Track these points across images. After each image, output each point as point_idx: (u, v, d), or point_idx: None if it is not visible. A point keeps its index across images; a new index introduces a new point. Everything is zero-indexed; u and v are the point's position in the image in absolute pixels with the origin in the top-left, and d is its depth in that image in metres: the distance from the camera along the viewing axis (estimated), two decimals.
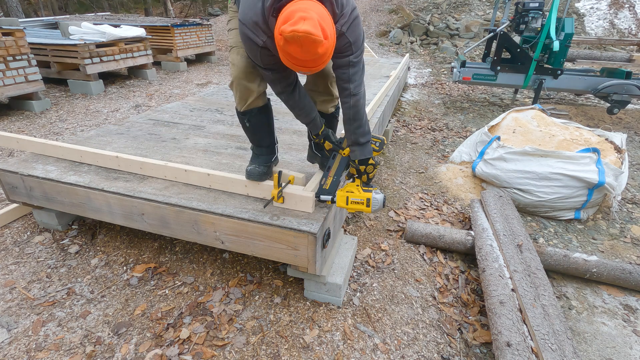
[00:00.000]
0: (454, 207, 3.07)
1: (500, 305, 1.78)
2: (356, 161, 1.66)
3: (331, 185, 1.73)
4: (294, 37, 1.11)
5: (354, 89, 1.51)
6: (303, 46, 1.14)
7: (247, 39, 1.40)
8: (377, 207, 1.66)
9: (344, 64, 1.46)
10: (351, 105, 1.53)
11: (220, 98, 4.00)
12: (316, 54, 1.17)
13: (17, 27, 4.48)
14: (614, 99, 4.97)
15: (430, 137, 4.65)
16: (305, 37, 1.10)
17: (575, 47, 9.55)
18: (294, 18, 1.13)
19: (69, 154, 2.27)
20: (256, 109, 1.72)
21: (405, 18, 11.60)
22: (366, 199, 1.64)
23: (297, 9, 1.16)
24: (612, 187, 2.74)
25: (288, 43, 1.15)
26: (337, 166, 1.77)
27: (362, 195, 1.65)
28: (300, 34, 1.10)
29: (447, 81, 7.72)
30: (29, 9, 17.86)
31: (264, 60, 1.45)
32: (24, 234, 2.41)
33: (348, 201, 1.67)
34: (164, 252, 2.30)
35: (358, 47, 1.45)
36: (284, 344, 1.75)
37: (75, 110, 4.98)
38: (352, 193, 1.67)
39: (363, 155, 1.64)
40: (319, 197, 1.74)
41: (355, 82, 1.50)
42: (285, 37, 1.13)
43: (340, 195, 1.68)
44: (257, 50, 1.41)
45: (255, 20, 1.35)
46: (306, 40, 1.12)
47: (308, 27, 1.10)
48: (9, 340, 1.71)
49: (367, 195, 1.65)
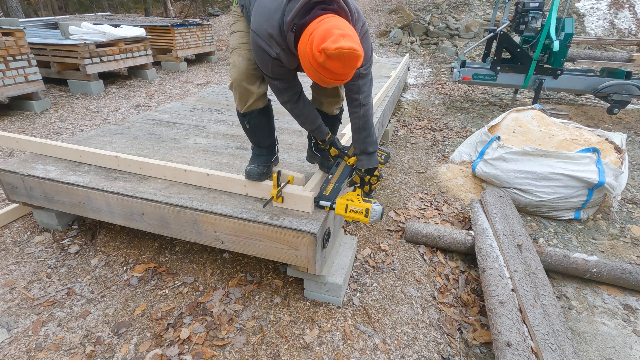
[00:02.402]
0: (454, 207, 3.07)
1: (500, 305, 1.78)
2: (362, 170, 1.68)
3: (332, 191, 1.73)
4: (339, 54, 1.13)
5: (363, 100, 1.56)
6: (346, 62, 1.16)
7: (260, 49, 1.41)
8: (375, 219, 1.65)
9: (354, 76, 1.49)
10: (361, 115, 1.58)
11: (220, 98, 4.00)
12: (355, 67, 1.20)
13: (17, 27, 4.48)
14: (614, 99, 4.97)
15: (430, 137, 4.65)
16: (350, 53, 1.13)
17: (575, 47, 9.55)
18: (333, 35, 1.14)
19: (69, 154, 2.27)
20: (256, 110, 1.73)
21: (405, 18, 11.60)
22: (365, 209, 1.63)
23: (332, 26, 1.17)
24: (612, 187, 2.74)
25: (330, 60, 1.15)
26: (340, 174, 1.77)
27: (361, 205, 1.64)
28: (346, 50, 1.12)
29: (447, 81, 7.72)
30: (29, 9, 17.86)
31: (274, 70, 1.48)
32: (24, 234, 2.41)
33: (347, 209, 1.66)
34: (164, 252, 2.30)
35: (367, 59, 1.49)
36: (284, 344, 1.75)
37: (75, 110, 4.98)
38: (351, 202, 1.66)
39: (370, 164, 1.67)
40: (318, 203, 1.74)
41: (364, 92, 1.55)
42: (329, 54, 1.13)
43: (340, 202, 1.68)
44: (268, 61, 1.43)
45: (270, 32, 1.35)
46: (350, 56, 1.14)
47: (351, 44, 1.12)
48: (9, 340, 1.71)
49: (366, 205, 1.64)
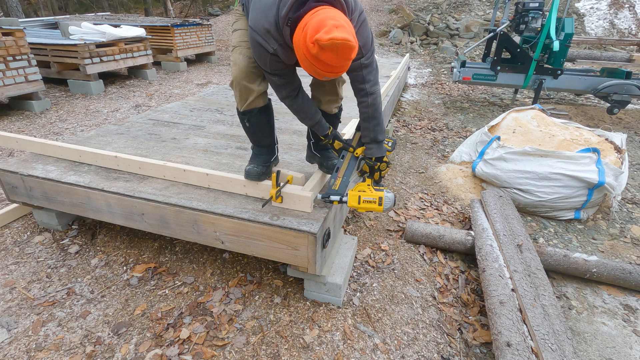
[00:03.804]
0: (454, 207, 3.07)
1: (500, 305, 1.78)
2: (373, 158, 1.68)
3: (341, 185, 1.72)
4: (331, 45, 1.12)
5: (370, 88, 1.56)
6: (339, 53, 1.15)
7: (258, 45, 1.41)
8: (389, 206, 1.66)
9: (357, 67, 1.49)
10: (369, 103, 1.58)
11: (220, 98, 4.00)
12: (349, 59, 1.20)
13: (17, 27, 4.48)
14: (614, 99, 4.97)
15: (430, 137, 4.65)
16: (343, 44, 1.12)
17: (575, 47, 9.55)
18: (326, 26, 1.13)
19: (69, 154, 2.27)
20: (256, 109, 1.73)
21: (405, 18, 11.60)
22: (378, 198, 1.64)
23: (326, 17, 1.16)
24: (612, 187, 2.74)
25: (323, 51, 1.15)
26: (347, 166, 1.77)
27: (374, 194, 1.65)
28: (339, 41, 1.11)
29: (447, 81, 7.72)
30: (29, 9, 17.87)
31: (272, 66, 1.47)
32: (24, 234, 2.41)
33: (360, 200, 1.66)
34: (164, 252, 2.30)
35: (368, 49, 1.48)
36: (284, 344, 1.75)
37: (75, 110, 4.98)
38: (364, 192, 1.66)
39: (380, 153, 1.68)
40: (328, 197, 1.72)
41: (370, 81, 1.55)
42: (322, 45, 1.13)
43: (352, 195, 1.67)
44: (266, 57, 1.43)
45: (267, 28, 1.36)
46: (343, 47, 1.13)
47: (344, 35, 1.12)
48: (9, 340, 1.71)
49: (379, 194, 1.65)
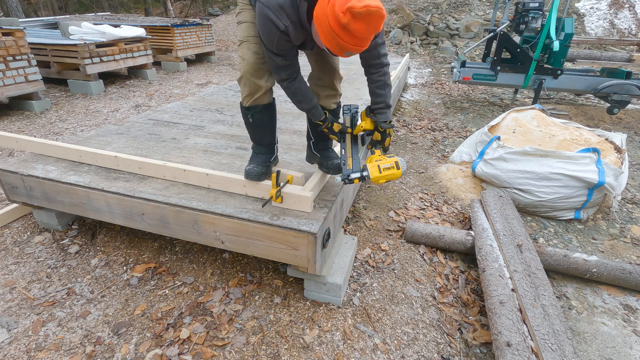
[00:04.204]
0: (454, 207, 3.07)
1: (500, 305, 1.78)
2: (387, 122, 1.72)
3: (354, 163, 1.74)
4: (366, 12, 1.11)
5: (384, 60, 1.62)
6: (371, 22, 1.14)
7: (268, 21, 1.38)
8: (405, 168, 1.68)
9: (372, 46, 1.52)
10: (385, 72, 1.65)
11: (220, 98, 4.00)
12: (377, 29, 1.19)
13: (17, 27, 4.48)
14: (614, 99, 4.97)
15: (430, 137, 4.65)
16: (377, 11, 1.12)
17: (575, 47, 9.55)
18: None
19: (69, 154, 2.27)
20: (261, 105, 1.74)
21: (405, 18, 11.59)
22: (395, 162, 1.65)
23: None
24: (612, 187, 2.74)
25: (355, 20, 1.14)
26: (351, 146, 1.79)
27: (390, 160, 1.67)
28: (373, 8, 1.10)
29: (447, 81, 7.72)
30: (29, 9, 17.87)
31: (280, 45, 1.45)
32: (24, 234, 2.41)
33: (381, 169, 1.65)
34: (164, 252, 2.30)
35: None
36: (284, 344, 1.75)
37: (75, 110, 4.98)
38: (380, 161, 1.67)
39: (390, 116, 1.74)
40: (348, 177, 1.69)
41: (384, 55, 1.61)
42: (355, 13, 1.12)
43: (372, 166, 1.67)
44: (275, 35, 1.40)
45: (281, 3, 1.34)
46: (377, 15, 1.13)
47: (378, 3, 1.11)
48: (9, 340, 1.71)
49: (394, 159, 1.67)
